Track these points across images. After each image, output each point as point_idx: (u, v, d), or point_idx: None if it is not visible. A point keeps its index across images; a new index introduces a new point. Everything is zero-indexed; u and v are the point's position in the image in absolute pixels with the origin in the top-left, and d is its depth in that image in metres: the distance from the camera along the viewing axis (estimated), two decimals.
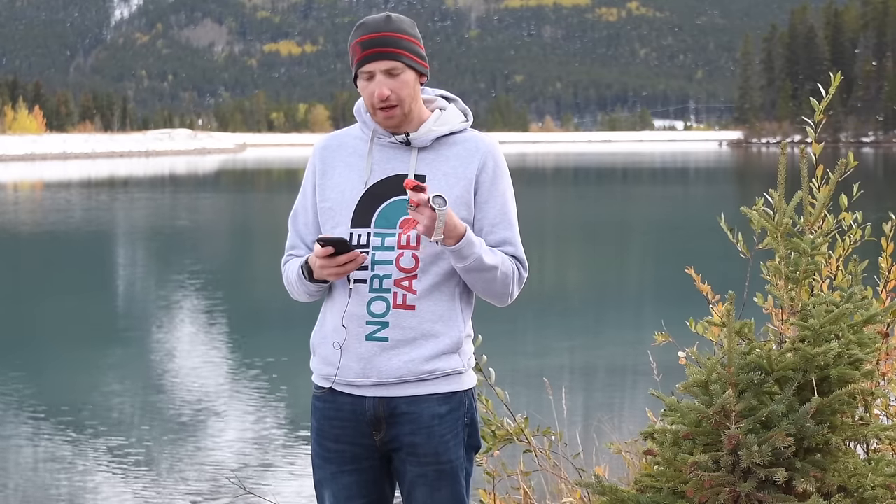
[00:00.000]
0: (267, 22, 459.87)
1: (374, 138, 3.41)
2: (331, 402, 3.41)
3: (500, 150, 3.46)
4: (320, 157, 3.48)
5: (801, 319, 3.77)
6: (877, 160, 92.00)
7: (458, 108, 3.48)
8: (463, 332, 3.40)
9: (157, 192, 55.34)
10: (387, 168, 3.38)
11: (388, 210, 3.35)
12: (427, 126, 3.39)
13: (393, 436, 3.36)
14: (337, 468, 3.40)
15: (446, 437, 3.37)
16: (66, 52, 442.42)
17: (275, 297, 20.24)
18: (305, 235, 3.50)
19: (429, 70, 3.43)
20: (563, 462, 5.20)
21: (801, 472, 3.44)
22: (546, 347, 14.21)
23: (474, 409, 3.47)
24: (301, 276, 3.39)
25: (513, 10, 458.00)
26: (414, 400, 3.35)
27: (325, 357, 3.41)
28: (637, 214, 39.67)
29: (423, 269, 3.33)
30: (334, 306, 3.40)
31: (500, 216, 3.40)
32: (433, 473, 3.36)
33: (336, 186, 3.41)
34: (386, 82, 3.31)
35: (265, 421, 10.84)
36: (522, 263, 3.43)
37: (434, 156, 3.39)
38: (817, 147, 4.51)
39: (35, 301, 19.33)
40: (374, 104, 3.34)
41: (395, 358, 3.33)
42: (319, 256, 3.26)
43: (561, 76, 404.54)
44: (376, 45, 3.31)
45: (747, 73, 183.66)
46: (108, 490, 8.67)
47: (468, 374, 3.45)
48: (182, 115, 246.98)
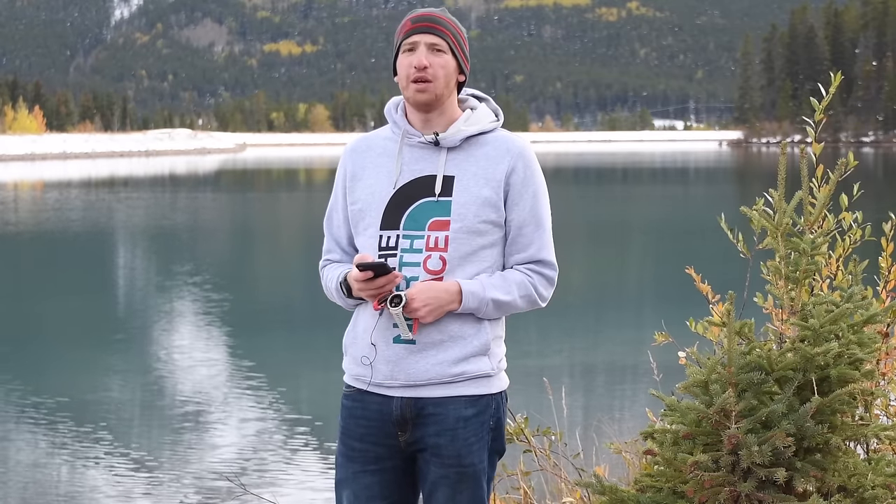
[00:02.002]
0: (267, 22, 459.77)
1: (404, 138, 3.42)
2: (359, 402, 3.42)
3: (532, 151, 3.46)
4: (350, 159, 3.49)
5: (801, 319, 3.77)
6: (877, 160, 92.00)
7: (490, 108, 3.48)
8: (491, 334, 3.39)
9: (158, 191, 55.34)
10: (415, 169, 3.39)
11: (416, 212, 3.35)
12: (457, 126, 3.40)
13: (418, 436, 3.37)
14: (360, 467, 3.41)
15: (470, 441, 3.36)
16: (66, 52, 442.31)
17: (275, 296, 20.28)
18: (340, 238, 3.52)
19: (468, 72, 3.45)
20: (563, 462, 5.20)
21: (801, 472, 3.44)
22: (546, 347, 14.21)
23: (501, 413, 3.45)
24: (340, 292, 3.43)
25: (513, 10, 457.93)
26: (441, 401, 3.35)
27: (357, 359, 3.43)
28: (637, 214, 39.67)
29: (449, 272, 3.33)
30: (366, 313, 3.41)
31: (529, 218, 3.40)
32: (455, 475, 3.36)
33: (366, 188, 3.42)
34: (427, 55, 3.34)
35: (265, 421, 10.83)
36: (548, 265, 3.44)
37: (464, 156, 3.39)
38: (817, 147, 4.51)
39: (35, 301, 19.33)
40: (409, 75, 3.35)
41: (423, 361, 3.33)
42: (358, 280, 3.29)
43: (561, 76, 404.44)
44: (428, 21, 3.37)
45: (747, 73, 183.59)
46: (109, 490, 8.67)
47: (498, 377, 3.44)
48: (182, 115, 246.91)
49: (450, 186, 3.35)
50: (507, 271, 3.41)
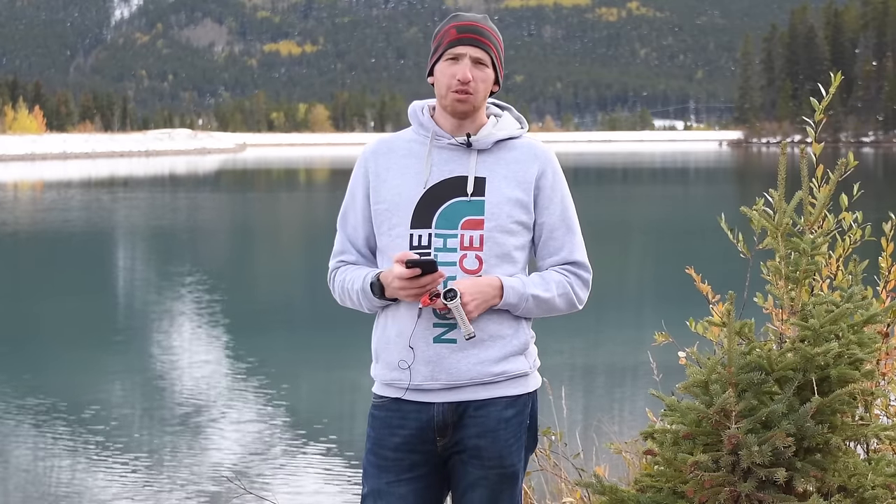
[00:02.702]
0: (267, 22, 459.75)
1: (433, 140, 3.42)
2: (395, 411, 3.38)
3: (556, 157, 3.51)
4: (373, 160, 3.46)
5: (801, 319, 3.77)
6: (877, 160, 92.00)
7: (513, 116, 3.53)
8: (528, 333, 3.46)
9: (158, 191, 55.34)
10: (445, 170, 3.39)
11: (448, 211, 3.35)
12: (487, 129, 3.42)
13: (458, 439, 3.36)
14: (395, 477, 3.37)
15: (510, 442, 3.37)
16: (66, 52, 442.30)
17: (276, 296, 20.28)
18: (356, 239, 3.48)
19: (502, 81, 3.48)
20: (563, 462, 5.20)
21: (801, 472, 3.44)
22: (546, 347, 14.19)
23: (536, 410, 3.49)
24: (368, 292, 3.37)
25: (513, 10, 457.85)
26: (483, 403, 3.35)
27: (392, 364, 3.38)
28: (637, 214, 39.67)
29: (486, 271, 3.34)
30: (399, 316, 3.36)
31: (559, 221, 3.45)
32: (495, 476, 3.36)
33: (392, 188, 3.40)
34: (471, 68, 3.37)
35: (266, 421, 10.83)
36: (582, 266, 3.49)
37: (493, 159, 3.41)
38: (817, 147, 4.51)
39: (35, 301, 19.33)
40: (451, 85, 3.36)
41: (465, 360, 3.33)
42: (404, 278, 3.23)
43: (561, 76, 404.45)
44: (473, 32, 3.40)
45: (747, 73, 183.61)
46: (109, 490, 8.67)
47: (534, 376, 3.48)
48: (182, 115, 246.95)
49: (482, 187, 3.37)
50: (545, 271, 3.44)
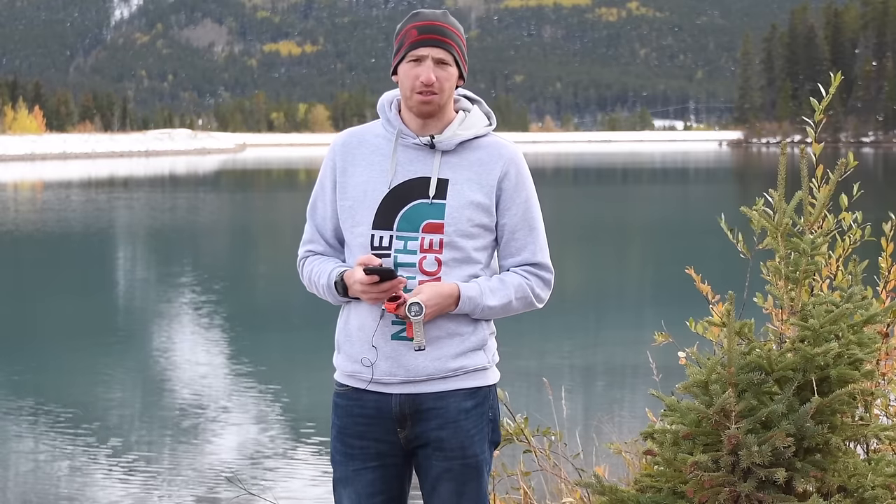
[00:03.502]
0: (267, 22, 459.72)
1: (399, 138, 3.42)
2: (355, 400, 3.43)
3: (522, 157, 3.50)
4: (341, 154, 3.48)
5: (801, 319, 3.77)
6: (877, 160, 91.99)
7: (482, 111, 3.51)
8: (487, 330, 3.46)
9: (157, 192, 55.33)
10: (410, 170, 3.40)
11: (410, 213, 3.37)
12: (452, 129, 3.42)
13: (419, 432, 3.39)
14: (361, 464, 3.43)
15: (472, 432, 3.41)
16: (66, 52, 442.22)
17: (275, 296, 20.28)
18: (324, 230, 3.51)
19: (466, 75, 3.48)
20: (563, 462, 5.20)
21: (801, 472, 3.44)
22: (546, 347, 14.21)
23: (497, 404, 3.52)
24: (333, 289, 3.42)
25: (513, 10, 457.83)
26: (440, 395, 3.38)
27: (355, 358, 3.43)
28: (637, 214, 39.67)
29: (445, 274, 3.37)
30: (361, 312, 3.41)
31: (521, 222, 3.45)
32: (459, 468, 3.39)
33: (358, 185, 3.42)
34: (434, 69, 3.35)
35: (266, 421, 10.83)
36: (543, 268, 3.48)
37: (457, 160, 3.41)
38: (817, 147, 4.51)
39: (35, 301, 19.33)
40: (414, 87, 3.36)
41: (422, 356, 3.36)
42: (363, 283, 3.28)
43: (561, 76, 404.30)
44: (434, 33, 3.37)
45: (747, 73, 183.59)
46: (109, 490, 8.67)
47: (492, 370, 3.49)
48: (182, 115, 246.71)
49: (444, 189, 3.38)
50: (506, 274, 3.45)
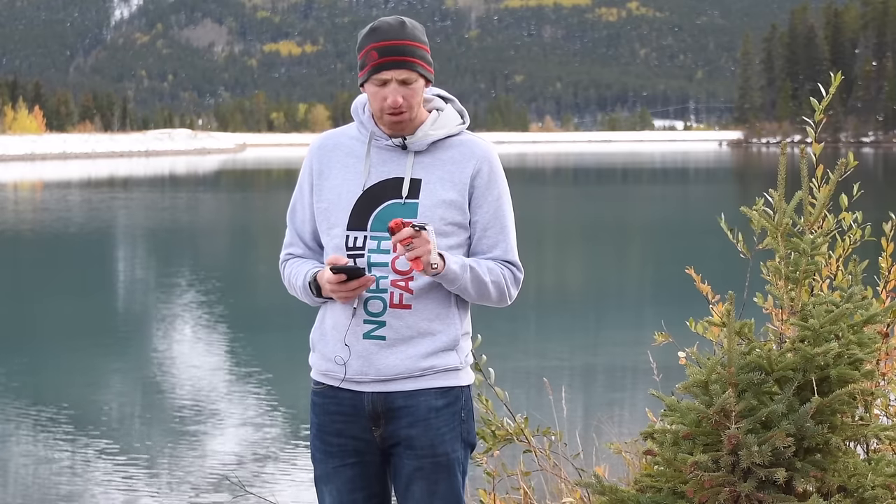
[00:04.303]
0: (267, 22, 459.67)
1: (372, 140, 3.44)
2: (331, 398, 3.45)
3: (496, 155, 3.49)
4: (317, 157, 3.50)
5: (801, 319, 3.77)
6: (877, 160, 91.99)
7: (455, 109, 3.50)
8: (460, 329, 3.45)
9: (157, 192, 55.33)
10: (383, 171, 3.42)
11: (384, 213, 3.38)
12: (424, 130, 3.42)
13: (391, 430, 3.40)
14: (340, 461, 3.45)
15: (442, 431, 3.41)
16: (66, 52, 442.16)
17: (274, 296, 20.26)
18: (303, 233, 3.55)
19: (433, 77, 3.45)
20: (563, 462, 5.20)
21: (801, 472, 3.44)
22: (546, 347, 14.21)
23: (471, 406, 3.51)
24: (308, 290, 3.45)
25: (513, 10, 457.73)
26: (411, 394, 3.39)
27: (328, 357, 3.45)
28: (637, 214, 39.67)
29: (418, 273, 3.37)
30: (335, 312, 3.44)
31: (492, 220, 3.44)
32: (430, 466, 3.40)
33: (333, 188, 3.45)
34: (400, 90, 3.33)
35: (265, 421, 10.84)
36: (515, 266, 3.48)
37: (430, 159, 3.42)
38: (817, 147, 4.51)
39: (34, 301, 19.33)
40: (384, 108, 3.35)
41: (393, 356, 3.38)
42: (331, 282, 3.31)
43: (561, 76, 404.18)
44: (394, 54, 3.32)
45: (747, 73, 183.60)
46: (108, 490, 8.67)
47: (465, 372, 3.49)
48: (182, 115, 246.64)
49: (417, 189, 3.39)
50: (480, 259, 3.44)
